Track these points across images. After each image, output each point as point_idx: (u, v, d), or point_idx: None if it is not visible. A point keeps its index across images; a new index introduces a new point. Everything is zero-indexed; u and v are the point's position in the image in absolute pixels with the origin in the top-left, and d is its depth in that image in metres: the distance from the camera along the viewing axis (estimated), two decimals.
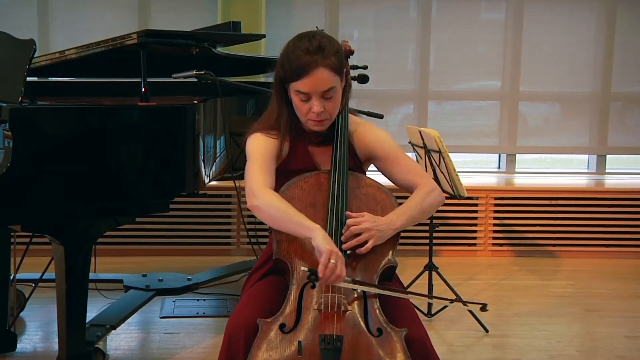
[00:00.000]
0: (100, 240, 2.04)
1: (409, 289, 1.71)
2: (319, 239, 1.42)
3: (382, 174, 1.66)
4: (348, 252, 1.49)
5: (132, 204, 1.99)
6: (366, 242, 1.48)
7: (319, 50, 1.50)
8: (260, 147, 1.59)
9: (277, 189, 1.57)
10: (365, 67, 2.17)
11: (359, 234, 1.48)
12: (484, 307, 1.48)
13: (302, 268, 1.42)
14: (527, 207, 3.58)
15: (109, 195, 1.93)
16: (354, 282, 1.45)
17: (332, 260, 1.38)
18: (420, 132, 2.63)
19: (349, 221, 1.49)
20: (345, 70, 1.58)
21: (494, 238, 3.60)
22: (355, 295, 1.44)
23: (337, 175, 1.55)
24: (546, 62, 3.84)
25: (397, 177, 1.63)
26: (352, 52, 1.70)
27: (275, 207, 1.47)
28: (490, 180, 3.81)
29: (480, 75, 3.87)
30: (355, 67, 2.15)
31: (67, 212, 1.88)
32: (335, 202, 1.51)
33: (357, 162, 1.65)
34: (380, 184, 1.60)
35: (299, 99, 1.53)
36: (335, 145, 1.59)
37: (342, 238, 1.50)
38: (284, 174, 1.61)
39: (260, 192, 1.50)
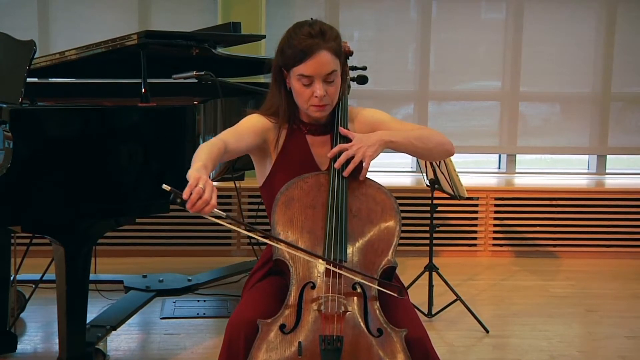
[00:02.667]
0: (100, 240, 2.04)
1: (408, 290, 1.70)
2: (192, 169, 1.38)
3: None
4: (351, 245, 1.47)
5: (133, 205, 1.99)
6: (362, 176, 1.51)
7: (321, 34, 1.52)
8: (247, 122, 1.61)
9: (278, 183, 1.57)
10: (364, 68, 2.17)
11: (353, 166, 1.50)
12: (400, 292, 1.45)
13: (164, 186, 1.33)
14: (527, 208, 3.57)
15: (109, 195, 1.93)
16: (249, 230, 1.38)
17: (200, 185, 1.33)
18: None
19: (338, 146, 1.53)
20: (343, 58, 1.59)
21: (494, 238, 3.59)
22: (356, 296, 1.44)
23: (336, 175, 1.54)
24: (546, 63, 3.82)
25: None
26: (351, 53, 1.69)
27: (198, 149, 1.49)
28: (490, 181, 3.80)
29: (481, 75, 3.86)
30: (354, 68, 2.15)
31: (67, 213, 1.88)
32: (335, 203, 1.50)
33: None
34: (380, 185, 1.59)
35: (301, 84, 1.53)
36: (334, 142, 1.58)
37: (336, 165, 1.53)
38: (282, 166, 1.60)
39: (212, 139, 1.53)
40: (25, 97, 1.88)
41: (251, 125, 1.59)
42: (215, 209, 1.36)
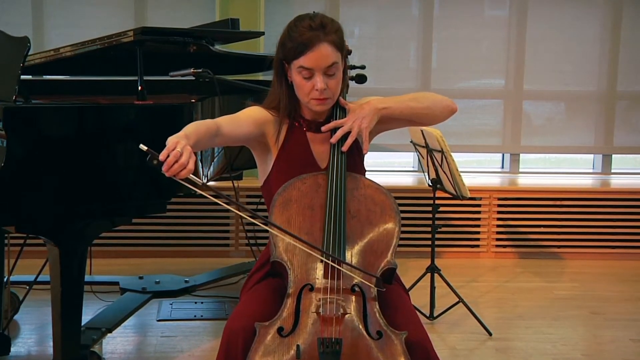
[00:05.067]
0: (96, 241, 2.03)
1: (410, 291, 1.67)
2: (172, 136, 1.38)
3: (399, 125, 1.66)
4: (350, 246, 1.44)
5: (129, 205, 1.98)
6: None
7: (321, 27, 1.52)
8: (247, 111, 1.61)
9: (278, 181, 1.56)
10: (363, 67, 2.13)
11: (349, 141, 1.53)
12: (378, 283, 1.43)
13: (141, 146, 1.32)
14: (531, 208, 3.56)
15: (104, 195, 1.92)
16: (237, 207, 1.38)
17: (177, 148, 1.33)
18: (422, 131, 2.60)
19: (333, 122, 1.56)
20: (345, 52, 1.59)
21: (498, 239, 3.58)
22: (355, 298, 1.42)
23: (334, 176, 1.53)
24: (551, 60, 3.81)
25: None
26: (350, 52, 1.68)
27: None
28: (493, 181, 3.79)
29: (484, 73, 3.85)
30: (353, 67, 2.12)
31: (62, 213, 1.87)
32: (333, 203, 1.49)
33: (357, 147, 1.62)
34: (379, 185, 1.58)
35: (302, 76, 1.53)
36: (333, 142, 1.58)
37: (332, 140, 1.55)
38: (282, 163, 1.60)
39: (204, 120, 1.53)
40: (19, 94, 1.88)
41: (250, 115, 1.59)
42: (192, 175, 1.34)
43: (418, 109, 1.61)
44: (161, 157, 1.32)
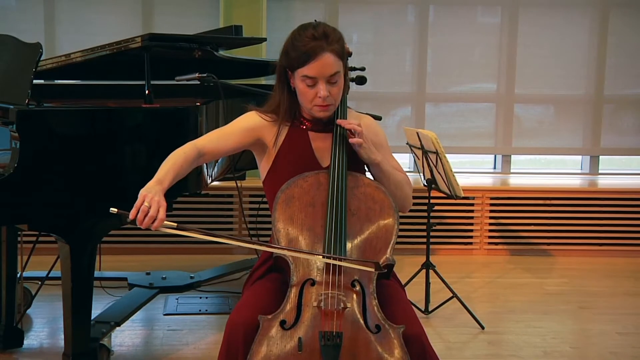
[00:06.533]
0: (105, 238, 2.06)
1: (406, 287, 1.74)
2: (144, 187, 1.44)
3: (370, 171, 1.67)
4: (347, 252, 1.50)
5: None
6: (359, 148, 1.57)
7: (324, 37, 1.55)
8: (239, 122, 1.64)
9: (279, 176, 1.60)
10: (363, 69, 2.21)
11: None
12: (377, 266, 1.46)
13: (112, 210, 1.39)
14: (522, 207, 3.61)
15: (113, 195, 1.94)
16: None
17: (145, 203, 1.39)
18: (417, 133, 2.64)
19: (353, 121, 1.60)
20: (345, 59, 1.63)
21: (490, 237, 3.62)
22: (355, 293, 1.46)
23: (336, 174, 1.56)
24: (541, 65, 3.86)
25: None
26: (350, 54, 1.72)
27: (168, 156, 1.54)
28: (486, 181, 3.83)
29: (477, 78, 3.89)
30: (353, 69, 2.19)
31: (72, 212, 1.90)
32: (334, 201, 1.53)
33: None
34: (379, 184, 1.61)
35: (305, 84, 1.56)
36: (334, 141, 1.61)
37: (338, 120, 1.59)
38: (283, 160, 1.63)
39: (186, 144, 1.58)
40: (32, 98, 1.90)
41: (241, 125, 1.63)
42: (166, 222, 1.41)
43: (391, 188, 1.61)
44: (131, 215, 1.39)
